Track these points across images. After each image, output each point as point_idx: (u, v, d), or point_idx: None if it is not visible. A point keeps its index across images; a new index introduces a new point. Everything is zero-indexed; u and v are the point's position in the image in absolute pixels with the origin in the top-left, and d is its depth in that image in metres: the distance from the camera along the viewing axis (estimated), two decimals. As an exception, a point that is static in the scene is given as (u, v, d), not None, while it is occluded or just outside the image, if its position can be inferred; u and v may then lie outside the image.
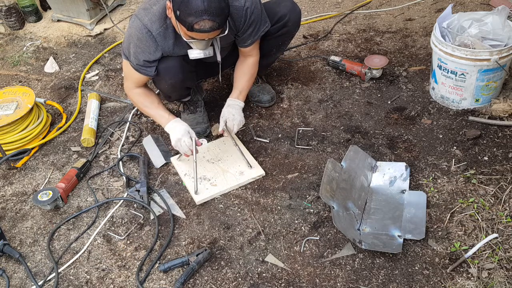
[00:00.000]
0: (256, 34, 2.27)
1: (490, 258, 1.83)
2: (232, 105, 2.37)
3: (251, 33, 2.25)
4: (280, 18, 2.41)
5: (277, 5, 2.44)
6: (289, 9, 2.43)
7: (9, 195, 2.39)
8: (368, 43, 3.13)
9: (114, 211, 2.23)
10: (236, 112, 2.34)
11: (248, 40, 2.28)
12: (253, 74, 2.45)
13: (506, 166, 2.18)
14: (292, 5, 2.46)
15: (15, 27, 3.73)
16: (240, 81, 2.42)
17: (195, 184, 2.22)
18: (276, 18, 2.41)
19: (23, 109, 2.58)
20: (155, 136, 2.59)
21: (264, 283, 1.87)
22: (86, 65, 3.28)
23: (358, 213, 2.06)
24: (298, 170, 2.32)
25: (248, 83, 2.44)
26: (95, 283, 1.94)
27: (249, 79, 2.43)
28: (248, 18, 2.17)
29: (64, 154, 2.58)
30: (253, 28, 2.23)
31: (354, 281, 1.84)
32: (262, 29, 2.28)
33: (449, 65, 2.40)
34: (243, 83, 2.41)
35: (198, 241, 2.05)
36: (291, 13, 2.43)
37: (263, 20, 2.27)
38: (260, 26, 2.26)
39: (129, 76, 2.31)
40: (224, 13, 1.92)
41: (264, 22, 2.28)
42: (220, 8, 1.89)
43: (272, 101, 2.71)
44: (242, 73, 2.42)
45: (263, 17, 2.27)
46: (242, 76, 2.42)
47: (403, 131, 2.46)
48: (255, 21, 2.21)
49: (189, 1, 1.85)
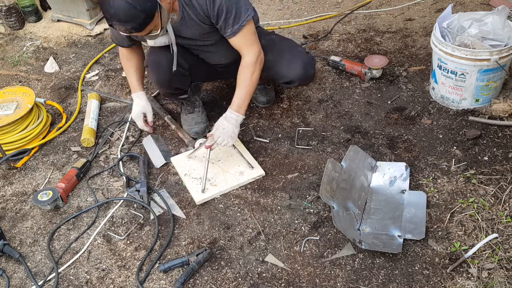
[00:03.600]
0: (234, 23, 2.06)
1: (490, 258, 1.83)
2: (228, 118, 2.19)
3: (225, 20, 2.05)
4: (288, 82, 2.36)
5: (287, 65, 2.29)
6: (299, 75, 2.30)
7: (9, 195, 2.39)
8: (368, 43, 3.13)
9: (114, 211, 2.23)
10: (229, 128, 2.18)
11: (227, 30, 2.09)
12: (250, 79, 2.18)
13: (506, 166, 2.18)
14: (304, 71, 2.29)
15: (15, 27, 3.73)
16: (239, 90, 2.20)
17: (203, 183, 2.23)
18: (283, 80, 2.36)
19: (23, 109, 2.58)
20: (155, 136, 2.59)
21: (264, 283, 1.87)
22: (86, 65, 3.28)
23: (358, 213, 2.06)
24: (298, 170, 2.32)
25: (247, 91, 2.19)
26: (95, 283, 1.94)
27: (248, 85, 2.19)
28: (212, 3, 2.01)
29: (64, 154, 2.58)
30: (226, 15, 2.04)
31: (354, 281, 1.84)
32: (243, 18, 2.06)
33: (449, 65, 2.40)
34: (241, 93, 2.20)
35: (198, 241, 2.05)
36: (302, 80, 2.34)
37: (240, 7, 2.05)
38: (236, 14, 2.04)
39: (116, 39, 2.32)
40: (135, 19, 1.82)
41: (244, 10, 2.06)
42: (130, 15, 1.80)
43: (267, 104, 2.70)
44: (240, 80, 2.20)
45: (240, 4, 2.05)
46: (240, 84, 2.20)
47: (403, 131, 2.46)
48: (225, 7, 2.02)
49: (102, 4, 1.84)
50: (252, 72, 2.17)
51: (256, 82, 2.22)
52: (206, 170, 2.24)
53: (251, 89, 2.21)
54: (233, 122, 2.19)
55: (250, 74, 2.18)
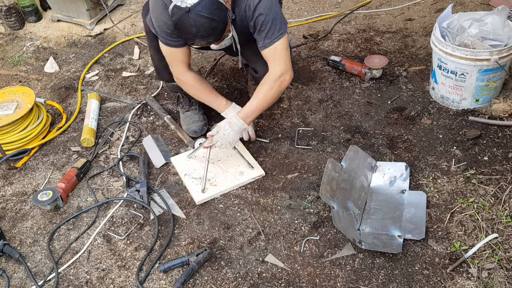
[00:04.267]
0: (266, 38, 2.07)
1: (490, 258, 1.83)
2: (232, 124, 2.19)
3: (258, 33, 2.08)
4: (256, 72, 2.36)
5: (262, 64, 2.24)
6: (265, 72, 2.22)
7: (9, 195, 2.39)
8: (368, 43, 3.13)
9: (114, 211, 2.23)
10: (230, 134, 2.18)
11: (258, 42, 2.11)
12: (266, 94, 2.16)
13: (506, 166, 2.18)
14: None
15: (15, 27, 3.73)
16: (252, 100, 2.20)
17: (203, 183, 2.23)
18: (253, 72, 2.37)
19: (23, 109, 2.58)
20: (155, 136, 2.59)
21: (264, 283, 1.87)
22: (86, 65, 3.28)
23: (358, 213, 2.06)
24: (298, 170, 2.32)
25: (259, 104, 2.19)
26: (95, 283, 1.94)
27: (261, 99, 2.17)
28: (251, 12, 2.02)
29: (64, 154, 2.58)
30: (260, 28, 2.05)
31: (354, 281, 1.84)
32: (276, 34, 2.06)
33: (449, 65, 2.40)
34: (253, 103, 2.19)
35: (198, 241, 2.05)
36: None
37: (276, 24, 2.05)
38: (270, 29, 2.05)
39: (172, 60, 2.24)
40: (216, 31, 1.87)
41: (278, 27, 2.06)
42: (211, 29, 1.85)
43: None
44: (257, 90, 2.20)
45: (277, 21, 2.05)
46: (255, 95, 2.20)
47: (403, 131, 2.46)
48: (261, 20, 2.03)
49: (181, 28, 1.87)
50: (270, 88, 2.16)
51: (271, 99, 2.21)
52: (206, 170, 2.24)
53: (264, 104, 2.20)
54: (235, 129, 2.19)
55: (267, 90, 2.17)
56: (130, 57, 3.31)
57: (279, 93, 2.21)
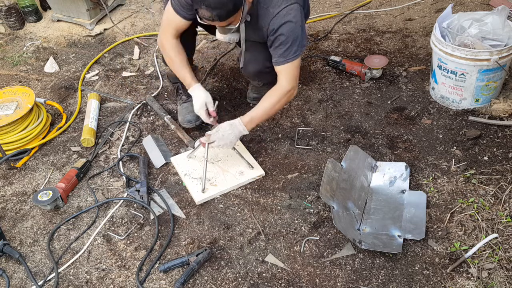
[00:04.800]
0: (281, 56, 2.11)
1: (490, 258, 1.83)
2: (233, 127, 2.20)
3: (275, 49, 2.12)
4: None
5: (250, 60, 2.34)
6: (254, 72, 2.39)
7: (9, 195, 2.39)
8: (368, 43, 3.13)
9: (114, 211, 2.23)
10: (229, 136, 2.19)
11: (273, 57, 2.15)
12: (273, 104, 2.20)
13: (506, 166, 2.18)
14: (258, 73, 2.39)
15: (15, 27, 3.73)
16: (258, 107, 2.23)
17: (203, 182, 2.23)
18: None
19: (23, 109, 2.58)
20: (155, 136, 2.59)
21: (264, 283, 1.87)
22: (86, 65, 3.28)
23: (358, 213, 2.06)
24: (298, 170, 2.32)
25: (265, 113, 2.22)
26: (95, 283, 1.94)
27: (267, 108, 2.21)
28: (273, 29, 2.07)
29: (64, 154, 2.58)
30: (278, 45, 2.09)
31: (354, 281, 1.84)
32: (291, 55, 2.10)
33: (449, 65, 2.40)
34: (258, 110, 2.22)
35: (198, 241, 2.05)
36: None
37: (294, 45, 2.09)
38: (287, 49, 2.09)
39: (168, 22, 2.25)
40: (224, 7, 1.89)
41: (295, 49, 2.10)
42: (220, 2, 1.87)
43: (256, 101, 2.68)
44: (264, 99, 2.23)
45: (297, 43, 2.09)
46: (262, 102, 2.23)
47: (403, 131, 2.46)
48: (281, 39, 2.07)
49: None
50: (277, 101, 2.20)
51: (276, 111, 2.28)
52: (205, 170, 2.24)
53: (269, 113, 2.25)
54: (236, 133, 2.20)
55: (275, 102, 2.21)
56: (130, 57, 3.31)
57: (283, 106, 2.30)
